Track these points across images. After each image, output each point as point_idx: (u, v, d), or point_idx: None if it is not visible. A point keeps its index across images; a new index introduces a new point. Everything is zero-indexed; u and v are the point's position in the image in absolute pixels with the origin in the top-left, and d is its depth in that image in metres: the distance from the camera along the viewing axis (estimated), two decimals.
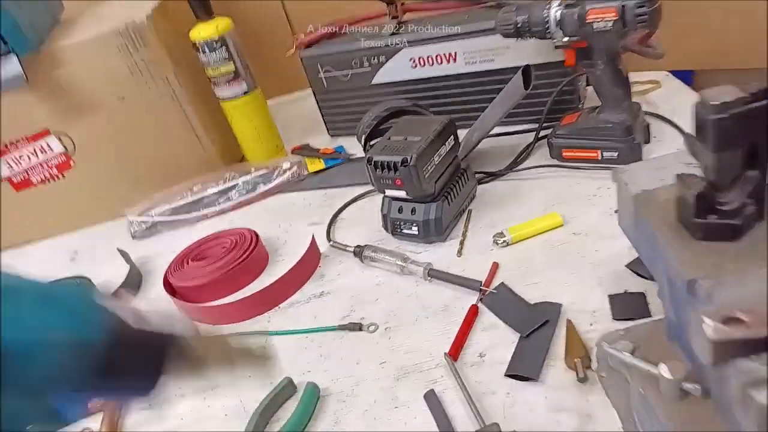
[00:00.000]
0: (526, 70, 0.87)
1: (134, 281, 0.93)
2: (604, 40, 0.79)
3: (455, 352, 0.65)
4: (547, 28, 0.80)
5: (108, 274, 0.97)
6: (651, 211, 0.52)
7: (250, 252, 0.87)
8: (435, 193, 0.81)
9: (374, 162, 0.79)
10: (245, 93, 1.08)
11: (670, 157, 0.56)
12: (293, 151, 1.18)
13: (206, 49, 1.03)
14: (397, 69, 1.06)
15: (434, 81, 1.04)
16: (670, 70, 1.06)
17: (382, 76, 1.08)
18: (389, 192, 0.81)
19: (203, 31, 1.02)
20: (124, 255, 0.98)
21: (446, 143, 0.82)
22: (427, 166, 0.78)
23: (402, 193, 0.80)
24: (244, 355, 0.52)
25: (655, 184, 0.55)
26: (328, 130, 1.22)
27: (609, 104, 0.85)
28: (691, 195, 0.46)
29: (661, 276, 0.51)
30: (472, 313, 0.69)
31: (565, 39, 0.80)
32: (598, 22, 0.77)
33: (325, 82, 1.14)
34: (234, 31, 1.05)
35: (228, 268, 0.85)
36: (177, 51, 1.06)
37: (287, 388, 0.66)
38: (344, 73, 1.10)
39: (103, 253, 1.05)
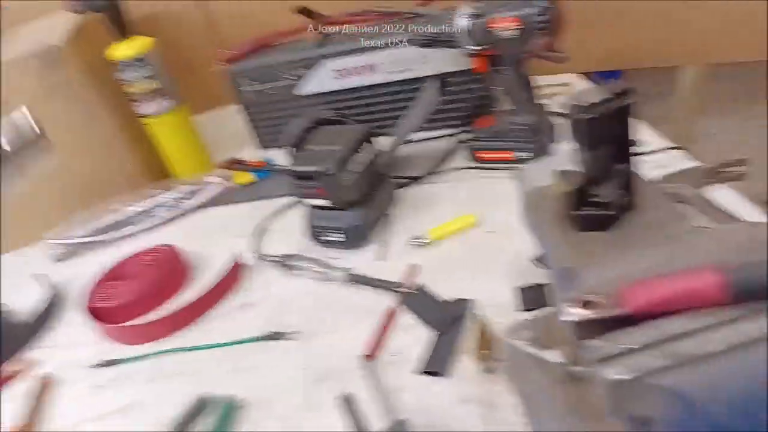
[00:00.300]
0: (441, 78, 0.90)
1: (53, 306, 0.91)
2: (510, 48, 0.82)
3: (372, 353, 0.66)
4: (458, 38, 0.83)
5: (28, 300, 0.94)
6: (541, 206, 0.55)
7: (169, 269, 0.86)
8: (356, 200, 0.82)
9: (294, 172, 0.80)
10: (169, 110, 1.08)
11: (564, 155, 0.59)
12: (221, 166, 1.17)
13: (126, 68, 1.02)
14: (321, 80, 1.07)
15: (357, 91, 1.06)
16: (599, 71, 1.12)
17: (307, 88, 1.09)
18: (312, 201, 0.82)
19: (122, 50, 1.01)
20: (41, 279, 0.95)
21: (365, 151, 0.84)
22: (347, 174, 0.80)
23: (324, 202, 0.81)
24: None
25: (549, 180, 0.58)
26: (258, 143, 1.22)
27: (518, 107, 0.88)
28: (569, 189, 0.48)
29: (551, 266, 0.53)
30: (390, 315, 0.71)
31: (475, 47, 0.83)
32: (504, 30, 0.81)
33: (249, 95, 1.14)
34: (156, 49, 1.04)
35: (147, 286, 0.84)
36: (98, 70, 1.04)
37: (202, 403, 0.66)
38: (270, 86, 1.11)
39: (23, 278, 1.02)
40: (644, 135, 0.91)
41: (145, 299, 0.83)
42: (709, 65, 1.27)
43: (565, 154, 0.59)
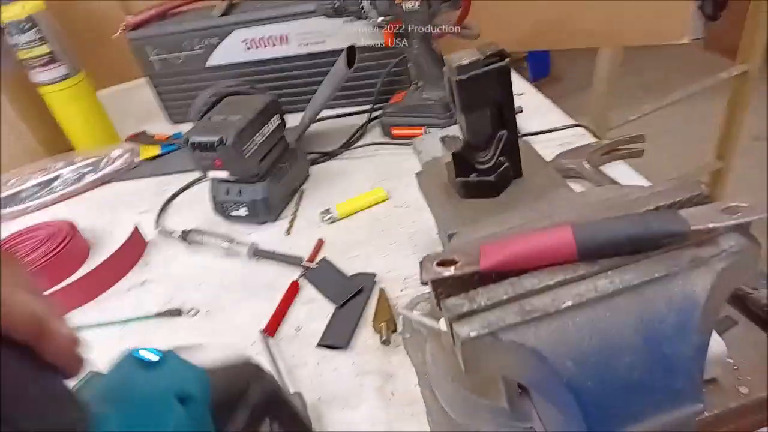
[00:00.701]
0: (351, 50, 0.88)
1: None
2: (416, 20, 0.81)
3: (272, 328, 0.65)
4: (362, 8, 0.82)
5: None
6: (432, 176, 0.55)
7: (65, 245, 0.81)
8: (260, 173, 0.80)
9: (192, 143, 0.76)
10: (65, 77, 1.01)
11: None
12: (128, 139, 1.12)
13: (13, 31, 0.94)
14: (230, 51, 1.03)
15: (269, 63, 1.03)
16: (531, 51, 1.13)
17: (216, 59, 1.05)
18: (212, 173, 0.79)
19: (8, 12, 0.93)
20: None
21: (270, 122, 0.81)
22: (248, 146, 0.77)
23: (224, 174, 0.78)
24: None
25: (444, 151, 0.57)
26: (169, 116, 1.17)
27: (428, 83, 0.88)
28: (451, 155, 0.48)
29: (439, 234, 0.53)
30: (292, 290, 0.69)
31: (380, 19, 0.82)
32: (407, 2, 0.80)
33: (156, 65, 1.08)
34: (46, 12, 0.97)
35: (39, 262, 0.79)
36: None
37: (94, 381, 0.62)
38: (176, 55, 1.06)
39: None
40: (549, 113, 0.93)
41: (38, 276, 0.78)
42: (625, 49, 1.31)
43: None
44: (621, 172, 0.76)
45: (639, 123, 1.55)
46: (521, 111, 0.88)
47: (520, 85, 1.02)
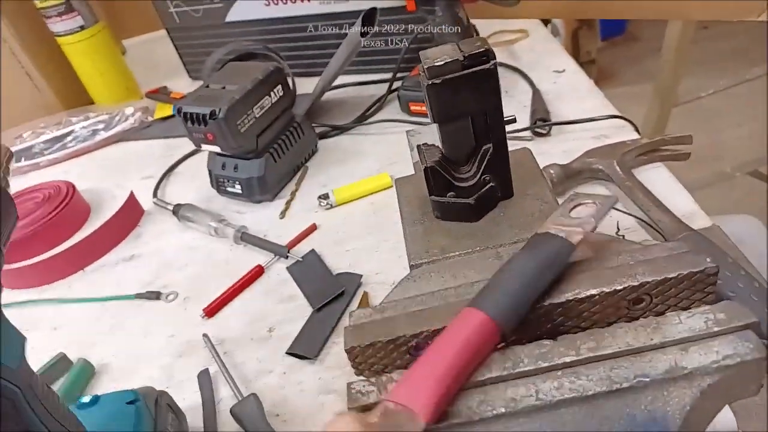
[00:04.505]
0: (371, 13, 0.79)
1: None
2: None
3: (213, 310, 0.63)
4: None
5: None
6: (415, 184, 0.48)
7: (63, 207, 0.79)
8: (257, 149, 0.74)
9: (184, 113, 0.71)
10: (82, 28, 0.97)
11: None
12: (148, 95, 1.08)
13: None
14: (250, 6, 0.96)
15: (290, 21, 0.96)
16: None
17: (235, 14, 0.98)
18: (205, 147, 0.74)
19: None
20: None
21: (271, 93, 0.75)
22: (244, 119, 0.71)
23: (217, 149, 0.73)
24: None
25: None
26: (188, 72, 1.12)
27: None
28: (426, 168, 0.40)
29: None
30: (252, 274, 0.65)
31: None
32: None
33: (176, 17, 1.03)
34: None
35: (36, 224, 0.77)
36: None
37: (61, 363, 0.61)
38: (195, 8, 1.00)
39: None
40: (589, 97, 0.81)
41: (33, 239, 0.76)
42: (693, 23, 1.15)
43: None
44: (657, 176, 0.66)
45: (714, 98, 1.39)
46: (514, 120, 0.77)
47: (561, 60, 0.90)
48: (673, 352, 0.25)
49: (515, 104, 0.82)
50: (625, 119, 0.73)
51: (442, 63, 0.36)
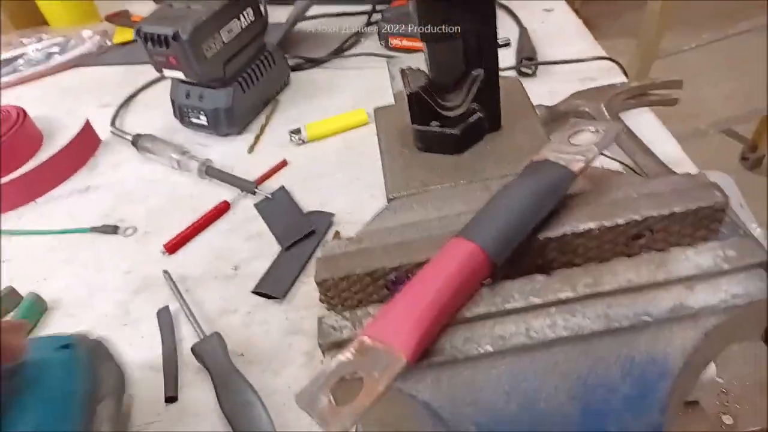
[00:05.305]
0: None
1: None
2: None
3: (174, 246, 0.59)
4: None
5: None
6: (396, 114, 0.44)
7: (12, 133, 0.73)
8: (225, 77, 0.69)
9: (144, 33, 0.65)
10: None
11: None
12: (108, 18, 1.00)
13: None
14: None
15: None
16: None
17: None
18: (168, 72, 0.69)
19: None
20: None
21: (241, 17, 0.69)
22: (210, 43, 0.66)
23: (180, 75, 0.67)
24: None
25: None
26: None
27: None
28: (411, 94, 0.37)
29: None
30: (216, 210, 0.62)
31: None
32: None
33: None
34: None
35: None
36: None
37: (10, 297, 0.56)
38: None
39: None
40: (579, 39, 0.78)
41: None
42: None
43: None
44: (644, 121, 0.64)
45: (694, 53, 1.37)
46: (508, 44, 0.73)
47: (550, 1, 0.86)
48: (678, 291, 0.22)
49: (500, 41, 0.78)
50: (613, 61, 0.70)
51: None
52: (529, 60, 0.71)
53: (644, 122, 0.63)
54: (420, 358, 0.22)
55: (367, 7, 0.85)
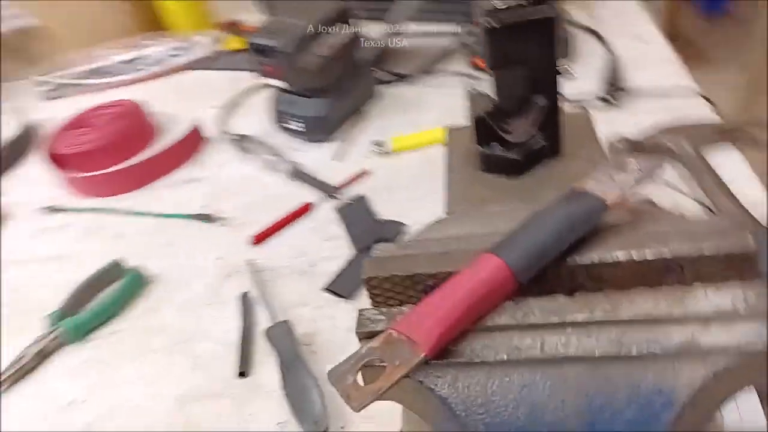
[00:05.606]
0: None
1: (24, 141, 0.91)
2: None
3: (260, 238, 0.65)
4: None
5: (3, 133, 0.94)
6: (467, 135, 0.47)
7: (132, 126, 0.83)
8: (320, 87, 0.75)
9: (251, 44, 0.72)
10: None
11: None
12: (220, 27, 1.10)
13: None
14: None
15: None
16: None
17: None
18: (270, 80, 0.75)
19: None
20: (19, 114, 0.94)
21: (339, 33, 0.75)
22: (309, 57, 0.71)
23: (280, 83, 0.74)
24: None
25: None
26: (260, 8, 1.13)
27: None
28: (476, 117, 0.40)
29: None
30: (300, 210, 0.67)
31: None
32: None
33: None
34: None
35: (108, 139, 0.81)
36: None
37: (114, 269, 0.65)
38: None
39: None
40: (673, 75, 0.76)
41: (103, 152, 0.81)
42: None
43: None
44: (729, 160, 0.62)
45: None
46: (566, 72, 0.73)
47: (645, 28, 0.85)
48: (692, 328, 0.24)
49: (585, 65, 0.78)
50: (707, 99, 0.68)
51: (506, 5, 0.35)
52: (613, 87, 0.71)
53: (729, 161, 0.61)
54: (441, 356, 0.24)
55: (457, 28, 0.88)
